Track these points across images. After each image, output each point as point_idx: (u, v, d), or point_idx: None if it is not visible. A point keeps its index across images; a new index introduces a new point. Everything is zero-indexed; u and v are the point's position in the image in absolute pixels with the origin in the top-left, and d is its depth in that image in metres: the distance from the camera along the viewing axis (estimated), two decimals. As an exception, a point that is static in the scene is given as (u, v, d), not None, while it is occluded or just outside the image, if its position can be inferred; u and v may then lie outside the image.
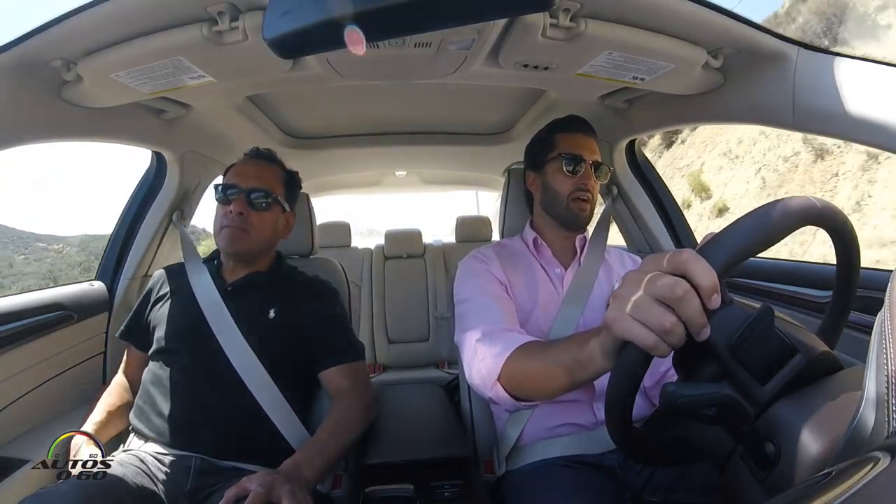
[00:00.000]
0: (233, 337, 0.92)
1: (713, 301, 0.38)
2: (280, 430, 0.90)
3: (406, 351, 2.31)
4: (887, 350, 0.31)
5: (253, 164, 1.04)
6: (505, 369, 0.69)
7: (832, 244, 0.49)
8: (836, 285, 0.52)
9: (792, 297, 0.99)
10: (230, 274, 1.04)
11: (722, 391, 0.40)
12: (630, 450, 0.48)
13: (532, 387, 0.66)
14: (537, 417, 0.87)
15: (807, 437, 0.39)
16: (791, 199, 0.43)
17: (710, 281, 0.38)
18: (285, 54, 0.55)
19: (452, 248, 2.58)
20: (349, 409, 0.92)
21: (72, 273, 35.05)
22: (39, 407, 1.03)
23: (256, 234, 0.98)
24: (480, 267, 0.92)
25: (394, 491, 0.87)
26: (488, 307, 0.83)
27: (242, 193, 0.97)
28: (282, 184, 1.05)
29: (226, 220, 0.96)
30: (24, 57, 0.71)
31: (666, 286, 0.38)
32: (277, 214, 1.03)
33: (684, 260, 0.38)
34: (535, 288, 0.92)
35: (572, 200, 0.93)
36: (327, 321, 1.02)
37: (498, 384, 0.70)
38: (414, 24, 0.54)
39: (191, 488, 0.82)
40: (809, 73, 0.73)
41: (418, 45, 0.80)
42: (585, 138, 0.96)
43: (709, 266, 0.38)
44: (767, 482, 0.40)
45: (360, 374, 1.00)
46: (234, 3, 0.66)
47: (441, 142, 1.75)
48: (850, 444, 0.33)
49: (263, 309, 0.98)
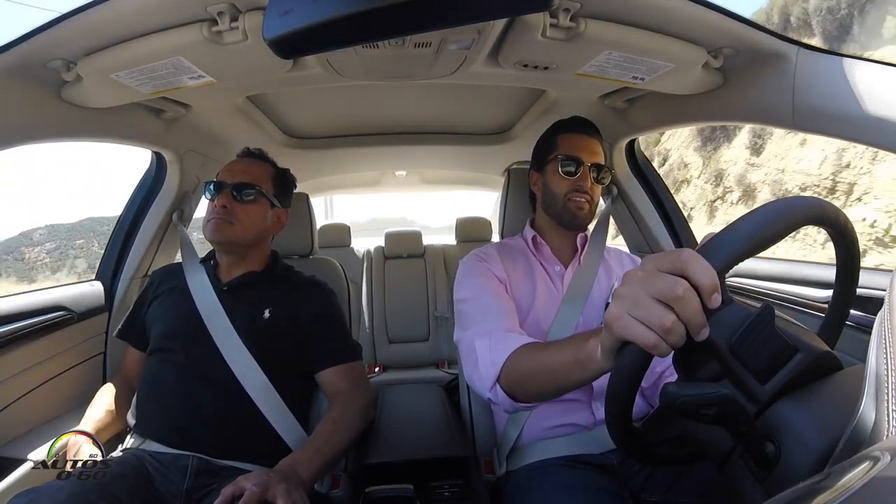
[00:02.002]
0: (228, 336, 0.93)
1: (713, 301, 0.38)
2: (277, 431, 0.90)
3: (406, 351, 2.31)
4: (887, 350, 0.31)
5: (241, 162, 1.06)
6: (504, 371, 0.69)
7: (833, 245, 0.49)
8: (837, 285, 0.52)
9: (792, 297, 0.99)
10: (226, 273, 1.04)
11: (722, 391, 0.40)
12: (630, 449, 0.48)
13: (532, 388, 0.66)
14: (536, 417, 0.88)
15: (807, 436, 0.39)
16: (791, 198, 0.44)
17: (710, 280, 0.38)
18: (285, 54, 0.55)
19: (452, 249, 2.58)
20: (347, 409, 0.92)
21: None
22: (39, 407, 1.03)
23: (241, 225, 0.99)
24: (481, 265, 0.92)
25: (393, 491, 0.87)
26: (488, 307, 0.83)
27: (228, 188, 0.99)
28: (270, 179, 1.06)
29: (211, 214, 0.98)
30: (24, 57, 0.71)
31: (665, 286, 0.38)
32: (265, 208, 1.03)
33: (684, 259, 0.38)
34: (534, 285, 0.92)
35: (569, 200, 0.93)
36: (323, 321, 1.02)
37: (497, 386, 0.70)
38: (414, 24, 0.54)
39: (188, 487, 0.82)
40: (809, 73, 0.73)
41: (418, 45, 0.80)
42: (586, 140, 0.96)
43: (709, 265, 0.38)
44: (767, 482, 0.40)
45: (358, 374, 1.00)
46: (234, 4, 0.66)
47: (441, 142, 1.75)
48: (850, 443, 0.33)
49: (258, 309, 0.98)
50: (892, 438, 0.27)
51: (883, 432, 0.28)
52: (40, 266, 21.28)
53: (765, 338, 0.41)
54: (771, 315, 0.41)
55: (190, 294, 0.98)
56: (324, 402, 1.02)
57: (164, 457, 0.85)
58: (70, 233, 23.98)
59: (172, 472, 0.83)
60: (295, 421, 0.93)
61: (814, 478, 0.26)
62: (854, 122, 0.67)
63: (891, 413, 0.28)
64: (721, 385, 0.41)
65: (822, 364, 0.42)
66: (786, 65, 0.75)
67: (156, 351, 0.96)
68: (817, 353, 0.42)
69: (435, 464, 0.93)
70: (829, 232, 0.47)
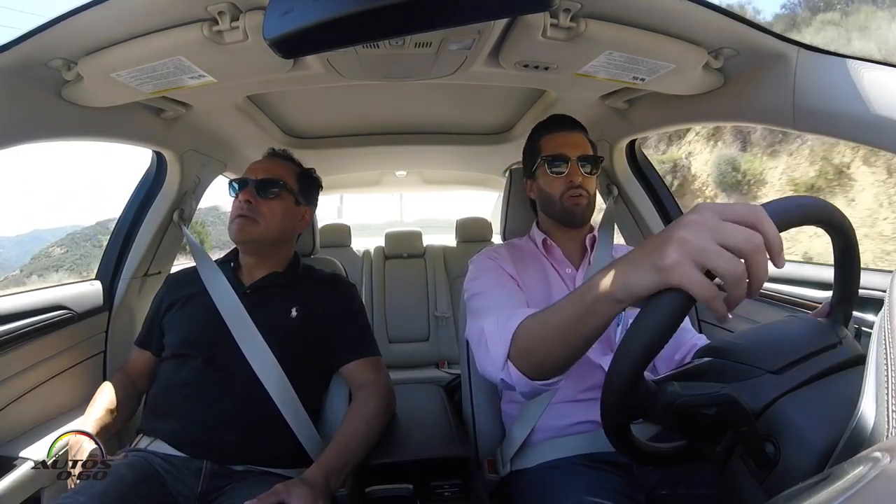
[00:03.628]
0: (253, 340, 0.92)
1: (781, 260, 0.37)
2: (296, 434, 0.91)
3: (406, 351, 2.31)
4: (887, 350, 0.31)
5: (265, 160, 1.07)
6: (514, 345, 0.66)
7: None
8: (839, 271, 0.52)
9: (792, 297, 0.99)
10: (248, 276, 1.04)
11: (722, 391, 0.40)
12: (627, 449, 0.48)
13: (543, 356, 0.61)
14: (550, 416, 0.86)
15: (807, 436, 0.39)
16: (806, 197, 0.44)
17: (780, 241, 0.37)
18: (285, 54, 0.55)
19: (452, 249, 2.58)
20: (373, 404, 0.93)
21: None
22: (39, 406, 1.03)
23: (266, 222, 0.99)
24: (493, 264, 0.92)
25: (393, 491, 0.87)
26: (499, 299, 0.81)
27: (251, 184, 0.99)
28: (294, 177, 1.07)
29: (236, 211, 0.98)
30: (25, 57, 0.71)
31: (743, 236, 0.36)
32: (289, 204, 1.04)
33: (758, 215, 0.37)
34: (547, 288, 0.92)
35: (565, 199, 0.93)
36: (348, 315, 1.03)
37: (510, 364, 0.66)
38: (414, 24, 0.54)
39: (202, 490, 0.83)
40: (809, 73, 0.73)
41: (418, 45, 0.80)
42: (568, 135, 0.95)
43: (776, 227, 0.37)
44: (767, 482, 0.40)
45: (381, 367, 1.02)
46: (235, 3, 0.66)
47: (441, 142, 1.75)
48: (850, 443, 0.33)
49: (285, 309, 0.98)
50: (892, 439, 0.27)
51: (883, 432, 0.28)
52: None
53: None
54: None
55: (210, 298, 0.97)
56: (334, 404, 1.03)
57: (177, 459, 0.85)
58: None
59: (185, 474, 0.83)
60: (311, 424, 0.93)
61: (813, 478, 0.26)
62: (855, 122, 0.67)
63: (891, 413, 0.28)
64: (721, 385, 0.41)
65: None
66: (786, 65, 0.75)
67: (174, 356, 0.95)
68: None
69: (435, 464, 0.93)
70: (827, 228, 0.47)
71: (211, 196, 1.32)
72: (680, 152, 9.98)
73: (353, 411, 0.92)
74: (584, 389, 0.86)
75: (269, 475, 0.86)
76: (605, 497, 0.73)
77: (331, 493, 0.77)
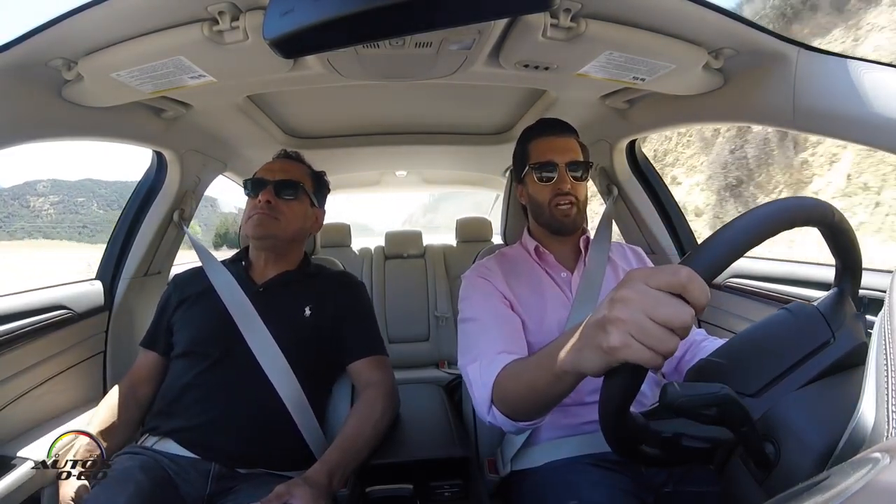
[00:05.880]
0: (263, 339, 0.92)
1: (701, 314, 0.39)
2: (304, 435, 0.91)
3: (406, 351, 2.31)
4: (887, 350, 0.31)
5: (279, 162, 1.07)
6: (495, 392, 0.69)
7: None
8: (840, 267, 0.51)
9: (792, 297, 0.99)
10: (260, 274, 1.03)
11: (722, 391, 0.40)
12: (627, 452, 0.48)
13: (521, 405, 0.65)
14: (558, 416, 0.85)
15: (807, 437, 0.39)
16: (785, 200, 0.43)
17: (707, 299, 0.38)
18: (286, 54, 0.55)
19: (453, 249, 2.58)
20: (381, 406, 0.93)
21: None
22: (39, 407, 1.03)
23: (285, 221, 0.99)
24: (483, 283, 0.90)
25: (394, 491, 0.87)
26: (488, 329, 0.82)
27: (270, 185, 0.99)
28: (309, 178, 1.07)
29: (255, 210, 0.98)
30: (25, 56, 0.71)
31: (673, 313, 0.38)
32: (306, 206, 1.05)
33: (683, 282, 0.38)
34: (543, 295, 0.91)
35: (554, 207, 0.91)
36: (358, 314, 1.04)
37: (494, 408, 0.70)
38: (414, 24, 0.54)
39: (210, 492, 0.83)
40: (809, 73, 0.73)
41: (418, 45, 0.80)
42: (556, 140, 0.93)
43: (705, 285, 0.38)
44: (767, 482, 0.40)
45: (387, 366, 1.03)
46: (235, 3, 0.66)
47: (442, 142, 1.75)
48: (850, 444, 0.33)
49: (299, 307, 0.98)
50: (892, 439, 0.27)
51: (883, 433, 0.28)
52: (44, 216, 21.54)
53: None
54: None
55: (217, 298, 0.96)
56: (338, 404, 1.03)
57: (184, 460, 0.85)
58: (72, 190, 24.37)
59: (193, 476, 0.83)
60: (317, 425, 0.93)
61: (813, 479, 0.26)
62: (855, 122, 0.67)
63: (891, 413, 0.28)
64: (721, 385, 0.41)
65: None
66: (786, 65, 0.75)
67: (182, 355, 0.95)
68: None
69: (435, 464, 0.93)
70: (823, 229, 0.47)
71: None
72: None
73: (360, 411, 0.92)
74: (592, 391, 0.85)
75: (276, 476, 0.86)
76: (613, 496, 0.73)
77: (332, 493, 0.77)
